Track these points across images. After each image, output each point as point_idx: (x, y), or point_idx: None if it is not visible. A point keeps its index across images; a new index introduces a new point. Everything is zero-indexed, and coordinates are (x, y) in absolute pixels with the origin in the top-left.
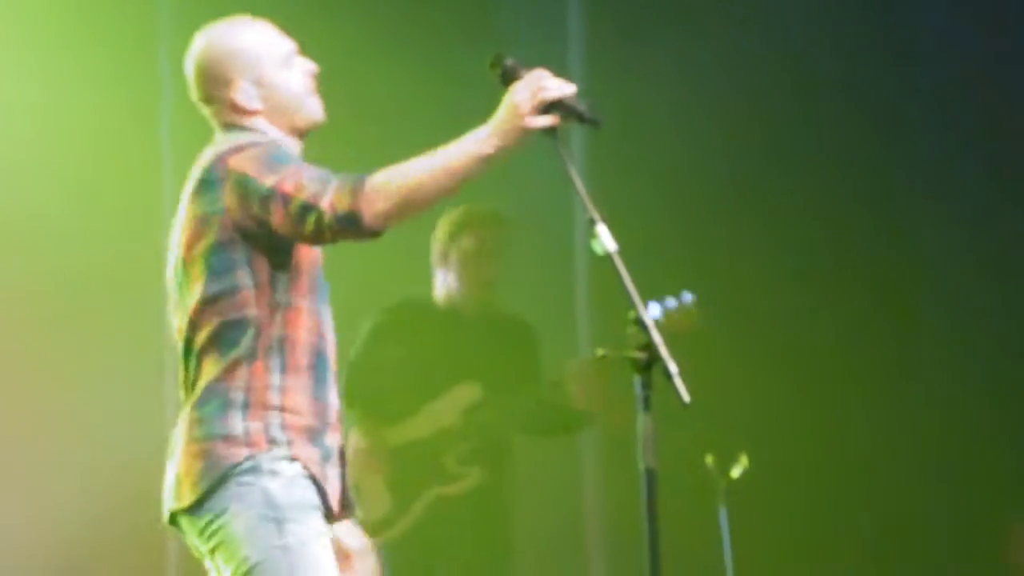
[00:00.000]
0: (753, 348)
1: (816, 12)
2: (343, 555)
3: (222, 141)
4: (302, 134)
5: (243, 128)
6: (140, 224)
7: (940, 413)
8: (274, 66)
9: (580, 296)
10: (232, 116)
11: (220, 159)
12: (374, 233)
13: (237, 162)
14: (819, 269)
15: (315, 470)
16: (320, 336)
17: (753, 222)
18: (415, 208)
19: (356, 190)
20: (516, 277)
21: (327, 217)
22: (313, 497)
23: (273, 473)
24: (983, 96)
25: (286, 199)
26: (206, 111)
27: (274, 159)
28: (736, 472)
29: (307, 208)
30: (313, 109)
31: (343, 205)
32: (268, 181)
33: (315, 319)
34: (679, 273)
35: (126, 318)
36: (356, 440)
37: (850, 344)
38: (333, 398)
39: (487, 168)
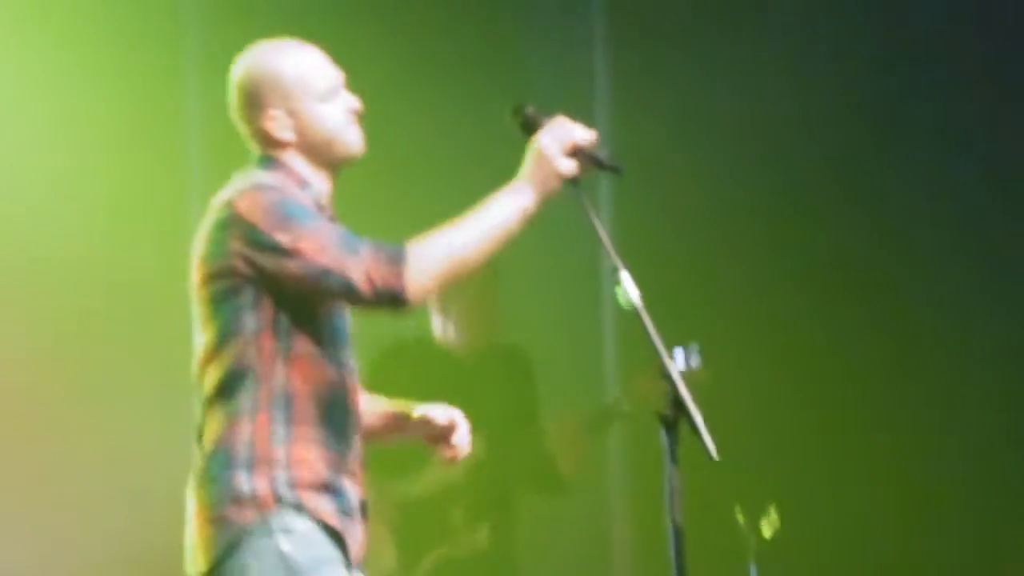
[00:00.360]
0: (781, 396)
1: (839, 49)
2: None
3: (240, 179)
4: (336, 168)
5: (271, 161)
6: (168, 245)
7: (979, 463)
8: (311, 97)
9: (608, 346)
10: (263, 144)
11: (231, 202)
12: (411, 308)
13: (247, 209)
14: (858, 318)
15: (332, 523)
16: (336, 384)
17: (782, 266)
18: (458, 278)
19: (396, 261)
20: (543, 326)
21: (361, 289)
22: (331, 551)
23: (286, 531)
24: (980, 96)
25: (303, 260)
26: (242, 132)
27: (289, 213)
28: (767, 529)
29: (328, 273)
30: (349, 142)
31: (381, 279)
32: (282, 237)
33: (328, 366)
34: (704, 320)
35: (152, 359)
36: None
37: (883, 391)
38: (354, 450)
39: (527, 221)
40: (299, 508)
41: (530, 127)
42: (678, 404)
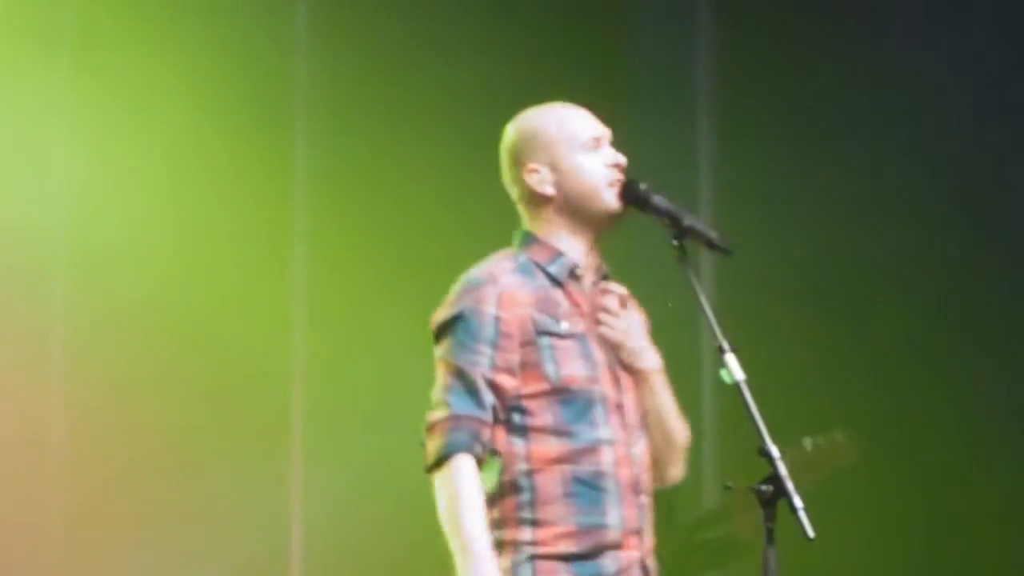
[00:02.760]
0: (884, 480)
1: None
2: None
3: (488, 259)
4: (595, 228)
5: (528, 238)
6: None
7: None
8: (572, 150)
9: (708, 424)
10: (525, 203)
11: (446, 302)
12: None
13: (442, 315)
14: (963, 403)
15: None
16: (583, 459)
17: (892, 346)
18: None
19: (439, 454)
20: None
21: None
22: None
23: None
24: None
25: (436, 380)
26: (513, 199)
27: (455, 340)
28: None
29: (431, 406)
30: (606, 200)
31: (429, 445)
32: (438, 349)
33: (571, 442)
34: (811, 403)
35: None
36: None
37: (991, 480)
38: (615, 519)
39: None
40: None
41: (642, 203)
42: (777, 483)
